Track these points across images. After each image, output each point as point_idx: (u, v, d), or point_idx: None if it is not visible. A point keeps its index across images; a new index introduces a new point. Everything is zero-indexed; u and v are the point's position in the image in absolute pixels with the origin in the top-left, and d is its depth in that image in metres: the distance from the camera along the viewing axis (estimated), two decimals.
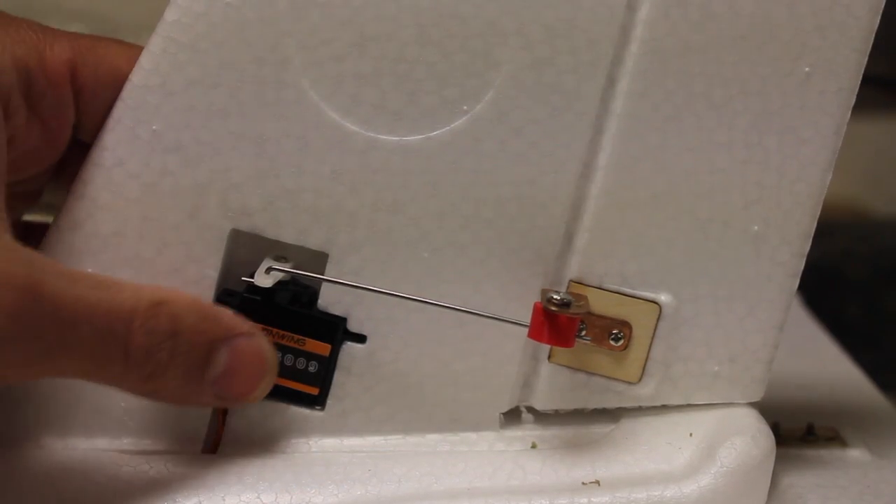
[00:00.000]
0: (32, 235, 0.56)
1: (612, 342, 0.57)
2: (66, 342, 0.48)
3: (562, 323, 0.53)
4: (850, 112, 0.55)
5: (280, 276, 0.55)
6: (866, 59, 0.55)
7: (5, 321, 0.46)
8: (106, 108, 0.55)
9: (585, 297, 0.56)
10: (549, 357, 0.57)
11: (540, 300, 0.54)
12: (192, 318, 0.52)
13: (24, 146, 0.54)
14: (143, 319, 0.50)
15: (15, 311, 0.47)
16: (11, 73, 0.52)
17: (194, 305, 0.52)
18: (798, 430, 0.64)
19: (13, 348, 0.47)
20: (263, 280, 0.55)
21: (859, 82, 0.55)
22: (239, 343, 0.53)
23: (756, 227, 0.56)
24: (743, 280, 0.56)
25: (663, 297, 0.57)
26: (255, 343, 0.53)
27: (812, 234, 0.56)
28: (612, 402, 0.58)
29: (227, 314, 0.53)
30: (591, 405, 0.58)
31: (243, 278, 0.56)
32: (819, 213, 0.56)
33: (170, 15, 0.54)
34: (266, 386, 0.54)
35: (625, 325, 0.57)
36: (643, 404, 0.58)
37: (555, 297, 0.53)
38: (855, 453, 0.63)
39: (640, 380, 0.57)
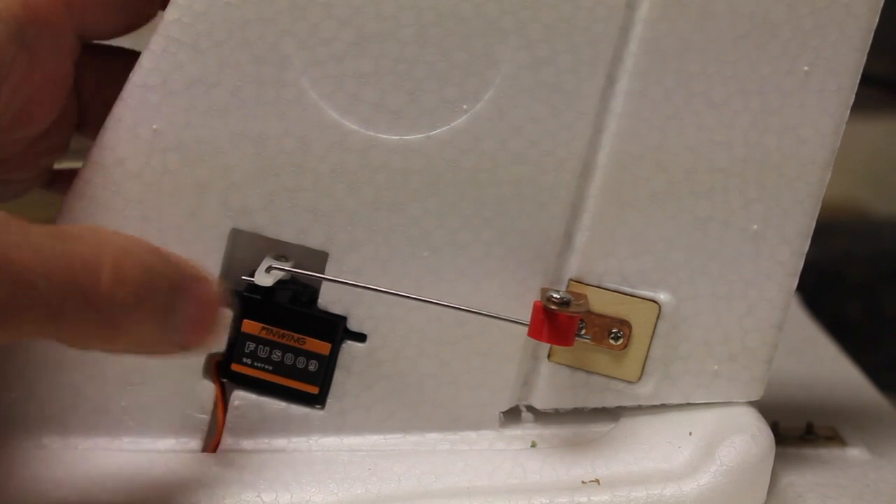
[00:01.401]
0: (60, 182, 0.57)
1: (611, 341, 0.57)
2: (18, 301, 0.44)
3: (561, 322, 0.53)
4: (848, 111, 0.55)
5: (280, 275, 0.55)
6: (865, 58, 0.55)
7: None
8: (111, 23, 0.55)
9: (585, 296, 0.56)
10: (549, 356, 0.57)
11: (539, 299, 0.54)
12: (161, 265, 0.49)
13: (29, 90, 0.53)
14: (111, 270, 0.46)
15: None
16: (0, 28, 0.51)
17: (156, 252, 0.49)
18: (797, 429, 0.64)
19: None
20: (264, 279, 0.55)
21: (858, 81, 0.55)
22: (198, 288, 0.50)
23: (755, 226, 0.56)
24: (742, 279, 0.56)
25: (663, 296, 0.57)
26: (212, 287, 0.50)
27: (811, 234, 0.56)
28: (611, 401, 0.58)
29: (182, 258, 0.50)
30: (591, 404, 0.58)
31: (243, 277, 0.56)
32: (818, 212, 0.56)
33: (170, 14, 0.54)
34: (223, 331, 0.52)
35: (624, 324, 0.57)
36: (643, 403, 0.58)
37: (554, 295, 0.53)
38: (854, 452, 0.63)
39: (639, 379, 0.57)
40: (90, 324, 0.46)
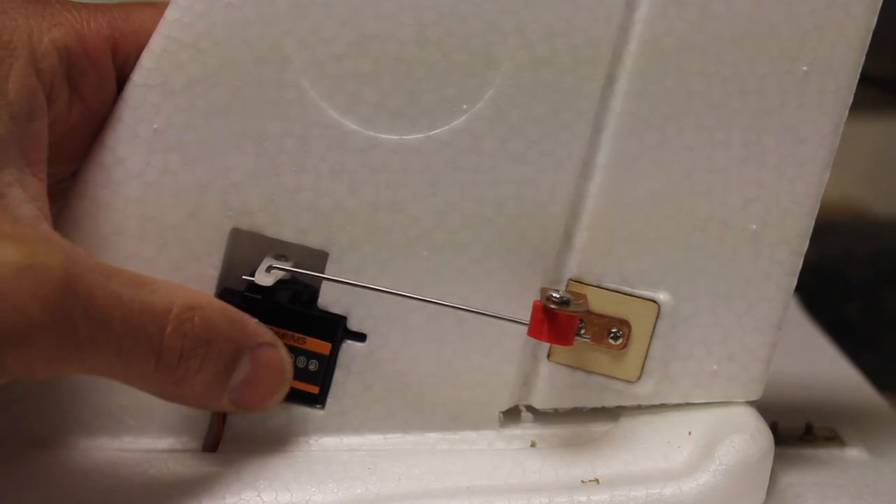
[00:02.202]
0: None
1: (611, 341, 0.57)
2: (96, 339, 0.48)
3: (561, 321, 0.53)
4: (847, 111, 0.55)
5: (280, 274, 0.56)
6: (864, 58, 0.55)
7: (39, 313, 0.46)
8: None
9: (585, 296, 0.56)
10: (549, 356, 0.58)
11: (539, 299, 0.54)
12: (224, 324, 0.52)
13: (65, 126, 0.54)
14: (177, 322, 0.50)
15: (49, 303, 0.46)
16: (52, 57, 0.52)
17: (224, 311, 0.52)
18: (797, 429, 0.64)
19: (45, 341, 0.47)
20: (264, 278, 0.55)
21: (857, 81, 0.55)
22: (262, 352, 0.53)
23: (754, 226, 0.56)
24: (741, 279, 0.56)
25: (662, 296, 0.57)
26: (276, 353, 0.54)
27: (810, 233, 0.56)
28: (611, 401, 0.58)
29: (252, 322, 0.54)
30: (591, 404, 0.58)
31: (244, 277, 0.56)
32: (817, 212, 0.56)
33: (171, 14, 0.54)
34: (280, 396, 0.55)
35: (623, 324, 0.57)
36: (642, 403, 0.58)
37: (554, 295, 0.53)
38: (853, 452, 0.63)
39: (638, 378, 0.57)
40: (150, 368, 0.50)
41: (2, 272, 0.46)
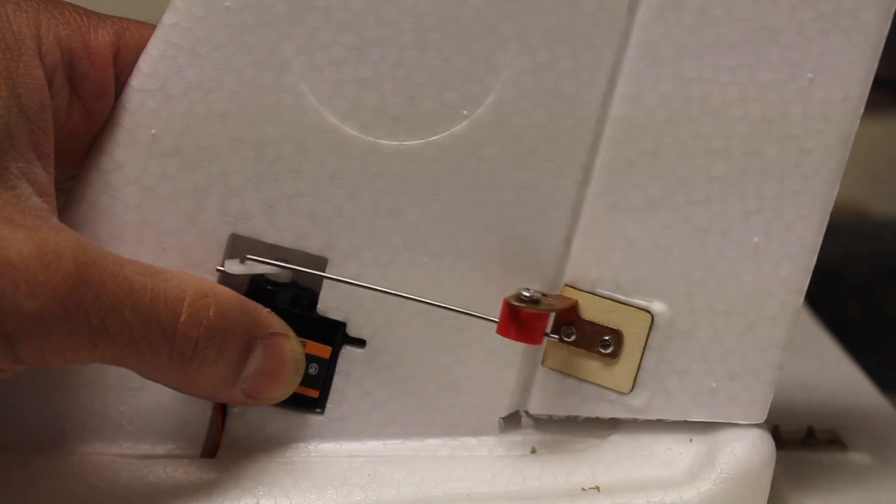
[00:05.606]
0: None
1: (600, 349, 0.56)
2: (108, 327, 0.48)
3: (529, 320, 0.53)
4: (858, 121, 0.54)
5: (258, 268, 0.55)
6: (875, 66, 0.53)
7: (51, 302, 0.46)
8: None
9: (558, 297, 0.55)
10: (543, 361, 0.57)
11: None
12: (238, 313, 0.52)
13: (65, 129, 0.54)
14: (191, 310, 0.50)
15: (61, 292, 0.47)
16: (55, 53, 0.52)
17: (237, 300, 0.53)
18: (798, 432, 0.64)
19: (57, 331, 0.47)
20: (234, 268, 0.55)
21: (868, 90, 0.53)
22: (274, 342, 0.53)
23: (756, 239, 0.55)
24: (742, 294, 0.55)
25: (657, 307, 0.55)
26: (289, 343, 0.54)
27: (818, 249, 0.55)
28: (604, 412, 0.57)
29: (264, 311, 0.54)
30: (584, 413, 0.57)
31: (217, 268, 0.55)
32: (825, 226, 0.55)
33: (168, 18, 0.54)
34: (292, 387, 0.55)
35: (615, 333, 0.56)
36: (638, 416, 0.57)
37: (524, 294, 0.53)
38: (855, 456, 0.63)
39: (631, 390, 0.56)
40: (164, 358, 0.50)
41: (14, 261, 0.46)
